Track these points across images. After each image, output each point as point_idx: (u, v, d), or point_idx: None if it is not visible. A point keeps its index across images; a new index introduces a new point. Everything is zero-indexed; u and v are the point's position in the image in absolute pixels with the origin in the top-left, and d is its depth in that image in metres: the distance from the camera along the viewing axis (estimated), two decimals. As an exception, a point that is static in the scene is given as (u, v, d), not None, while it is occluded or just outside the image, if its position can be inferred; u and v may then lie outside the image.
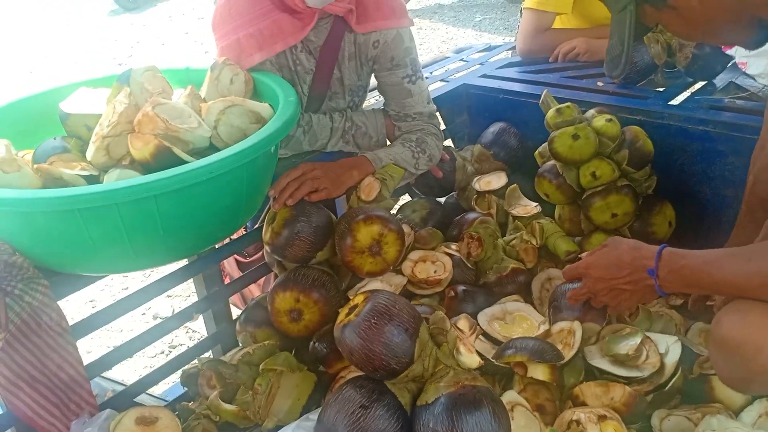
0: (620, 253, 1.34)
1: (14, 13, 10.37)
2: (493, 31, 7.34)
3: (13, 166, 1.21)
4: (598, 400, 1.31)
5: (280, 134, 1.34)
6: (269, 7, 1.57)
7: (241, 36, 1.57)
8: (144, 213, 1.19)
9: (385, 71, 1.76)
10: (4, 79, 7.30)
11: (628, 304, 1.40)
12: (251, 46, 1.57)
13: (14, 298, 1.25)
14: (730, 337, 1.13)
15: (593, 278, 1.39)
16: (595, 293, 1.40)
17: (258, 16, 1.57)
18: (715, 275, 1.17)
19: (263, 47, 1.57)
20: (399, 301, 1.23)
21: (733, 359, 1.14)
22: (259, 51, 1.57)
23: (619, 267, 1.33)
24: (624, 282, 1.33)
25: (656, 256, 1.26)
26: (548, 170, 1.86)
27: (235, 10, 1.58)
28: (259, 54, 1.58)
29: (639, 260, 1.30)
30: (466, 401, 1.13)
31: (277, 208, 1.52)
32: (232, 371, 1.41)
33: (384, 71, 1.77)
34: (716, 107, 1.84)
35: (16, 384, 1.28)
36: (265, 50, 1.58)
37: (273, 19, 1.57)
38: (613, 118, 1.76)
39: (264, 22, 1.57)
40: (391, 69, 1.75)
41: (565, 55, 2.30)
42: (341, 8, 1.61)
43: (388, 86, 1.79)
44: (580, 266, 1.43)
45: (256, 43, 1.57)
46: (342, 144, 1.78)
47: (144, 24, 9.18)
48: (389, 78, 1.77)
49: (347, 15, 1.64)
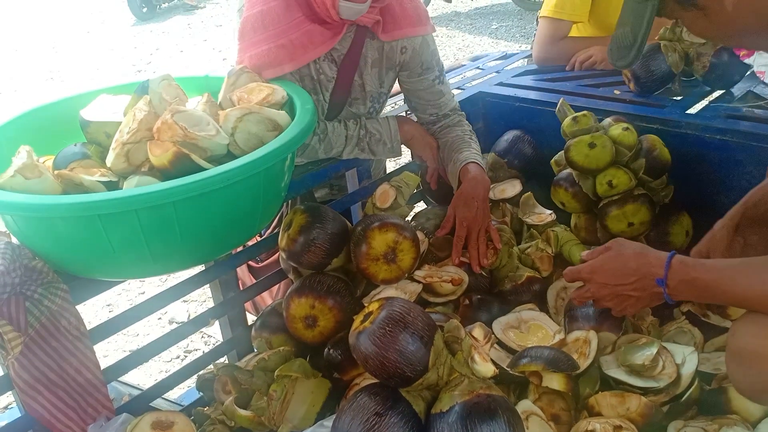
0: (626, 260, 1.32)
1: (37, 21, 10.52)
2: (510, 38, 7.34)
3: (34, 171, 1.23)
4: (613, 411, 1.30)
5: (297, 142, 1.34)
6: (301, 18, 1.59)
7: (272, 46, 1.58)
8: (163, 219, 1.20)
9: (416, 77, 1.82)
10: (26, 84, 7.40)
11: (633, 310, 1.37)
12: (283, 56, 1.58)
13: (34, 302, 1.27)
14: (746, 347, 1.12)
15: (597, 283, 1.36)
16: (598, 298, 1.38)
17: (290, 26, 1.59)
18: (728, 289, 1.15)
19: (294, 58, 1.59)
20: (414, 309, 1.23)
21: (749, 370, 1.13)
22: (291, 61, 1.59)
23: (624, 274, 1.31)
24: (630, 288, 1.31)
25: (666, 265, 1.23)
26: (564, 179, 1.86)
27: (269, 20, 1.58)
28: (290, 64, 1.59)
29: (646, 267, 1.27)
30: (480, 410, 1.12)
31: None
32: (248, 377, 1.41)
33: (414, 77, 1.82)
34: (734, 116, 1.83)
35: (34, 387, 1.30)
36: (296, 61, 1.60)
37: (305, 30, 1.59)
38: (630, 127, 1.76)
39: (295, 33, 1.58)
40: (421, 74, 1.81)
41: (582, 63, 2.30)
42: (370, 19, 1.63)
43: (421, 91, 1.84)
44: (583, 270, 1.40)
45: (288, 54, 1.58)
46: (357, 152, 1.79)
47: (164, 32, 9.28)
48: (421, 83, 1.82)
49: (375, 26, 1.66)
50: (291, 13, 1.58)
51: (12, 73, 7.93)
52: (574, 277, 1.43)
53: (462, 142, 1.84)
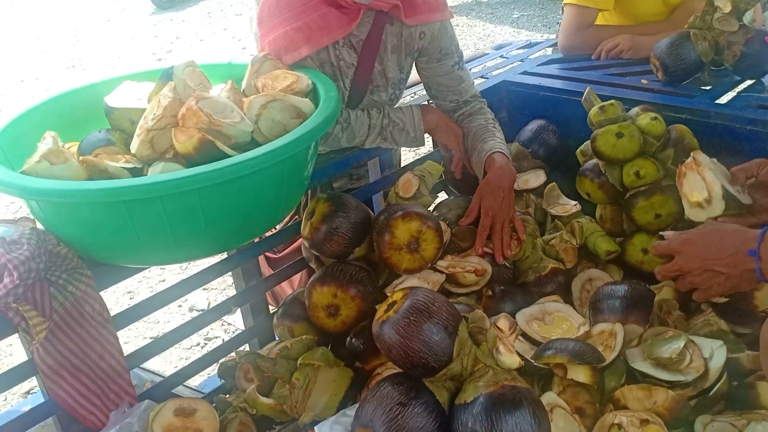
0: (723, 234, 1.26)
1: (58, 9, 10.59)
2: (531, 28, 7.27)
3: (60, 157, 1.23)
4: (640, 404, 1.28)
5: (321, 130, 1.33)
6: (317, 0, 1.58)
7: (288, 29, 1.57)
8: (187, 206, 1.20)
9: (435, 62, 1.81)
10: (48, 73, 7.46)
11: (720, 289, 1.28)
12: (299, 39, 1.57)
13: (58, 287, 1.28)
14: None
15: (689, 256, 1.30)
16: (686, 272, 1.31)
17: (306, 9, 1.58)
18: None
19: (311, 40, 1.58)
20: (438, 299, 1.22)
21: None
22: (307, 44, 1.58)
23: (719, 247, 1.25)
24: (722, 264, 1.25)
25: (759, 237, 1.17)
26: (590, 169, 1.83)
27: (284, 3, 1.59)
28: (306, 47, 1.58)
29: (743, 242, 1.21)
30: (505, 401, 1.11)
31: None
32: (271, 365, 1.41)
33: (434, 63, 1.81)
34: (765, 106, 1.79)
35: (58, 373, 1.30)
36: (312, 43, 1.58)
37: (321, 13, 1.58)
38: (658, 117, 1.73)
39: (311, 16, 1.57)
40: (440, 60, 1.80)
41: (608, 52, 2.27)
42: (388, 4, 1.61)
43: (440, 77, 1.83)
44: (674, 241, 1.34)
45: (304, 36, 1.57)
46: (380, 140, 1.77)
47: (183, 20, 9.30)
48: (440, 69, 1.81)
49: (394, 10, 1.64)
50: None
51: (34, 61, 7.99)
52: (664, 251, 1.36)
53: (486, 131, 1.82)
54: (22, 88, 7.05)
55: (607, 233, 1.81)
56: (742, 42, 1.91)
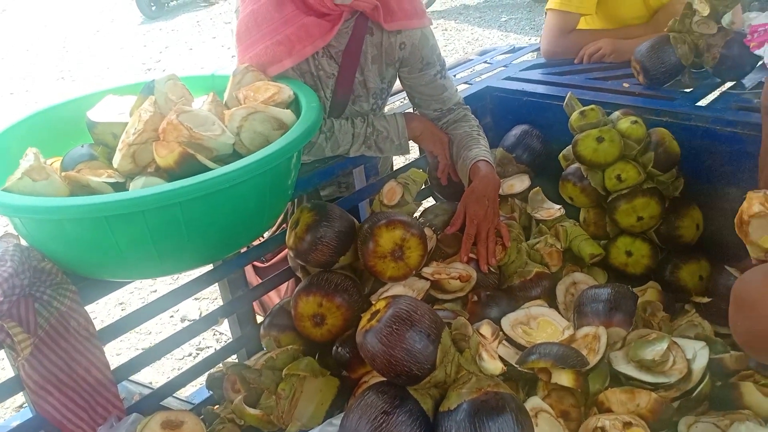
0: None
1: (47, 21, 10.58)
2: (519, 31, 7.31)
3: (41, 174, 1.23)
4: (623, 407, 1.29)
5: (303, 140, 1.34)
6: (294, 12, 1.58)
7: (269, 44, 1.57)
8: (170, 219, 1.21)
9: (417, 72, 1.80)
10: (38, 84, 7.45)
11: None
12: (281, 52, 1.57)
13: (43, 303, 1.28)
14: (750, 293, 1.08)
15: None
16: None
17: (284, 22, 1.58)
18: None
19: (293, 52, 1.58)
20: (421, 307, 1.23)
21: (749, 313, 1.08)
22: (290, 56, 1.58)
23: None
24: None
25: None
26: (572, 173, 1.85)
27: (261, 18, 1.58)
28: (290, 59, 1.58)
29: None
30: (488, 407, 1.12)
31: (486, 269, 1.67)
32: (256, 376, 1.42)
33: (416, 72, 1.81)
34: (745, 108, 1.80)
35: (44, 388, 1.30)
36: (295, 55, 1.58)
37: (300, 24, 1.58)
38: (639, 120, 1.74)
39: (291, 28, 1.57)
40: (422, 69, 1.80)
41: (591, 56, 2.28)
42: (369, 4, 1.61)
43: (423, 86, 1.83)
44: None
45: (286, 50, 1.57)
46: (364, 149, 1.78)
47: (173, 29, 9.31)
48: (422, 78, 1.81)
49: (374, 12, 1.64)
50: (282, 8, 1.57)
51: (24, 73, 7.98)
52: None
53: (471, 138, 1.83)
54: (11, 100, 7.05)
55: (591, 236, 1.83)
56: (722, 44, 1.92)
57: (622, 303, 1.49)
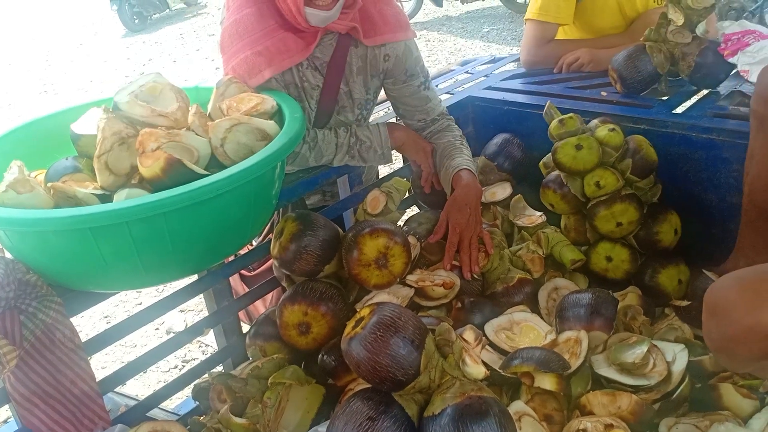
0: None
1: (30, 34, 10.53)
2: (501, 41, 7.38)
3: (26, 186, 1.24)
4: (605, 409, 1.31)
5: (286, 150, 1.36)
6: (274, 26, 1.61)
7: (249, 54, 1.60)
8: (154, 230, 1.22)
9: (401, 84, 1.83)
10: (21, 98, 7.41)
11: None
12: (261, 62, 1.60)
13: (28, 315, 1.28)
14: (722, 298, 1.10)
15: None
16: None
17: (265, 34, 1.61)
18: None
19: (272, 63, 1.61)
20: (404, 314, 1.24)
21: (721, 320, 1.09)
22: (269, 67, 1.61)
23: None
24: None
25: None
26: (552, 180, 1.87)
27: (243, 28, 1.61)
28: (268, 70, 1.61)
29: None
30: (472, 412, 1.14)
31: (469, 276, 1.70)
32: (242, 385, 1.42)
33: (399, 84, 1.83)
34: (720, 115, 1.84)
35: (30, 400, 1.30)
36: (274, 66, 1.61)
37: (279, 37, 1.61)
38: (616, 128, 1.78)
39: (270, 40, 1.60)
40: (406, 81, 1.82)
41: (569, 65, 2.32)
42: (344, 26, 1.64)
43: (407, 97, 1.85)
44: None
45: (265, 60, 1.60)
46: (348, 159, 1.80)
47: (156, 42, 9.30)
48: (406, 89, 1.84)
49: (352, 31, 1.67)
50: (264, 20, 1.61)
51: (6, 87, 7.94)
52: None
53: (453, 148, 1.86)
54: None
55: (572, 242, 1.85)
56: (696, 53, 1.96)
57: (603, 307, 1.51)
